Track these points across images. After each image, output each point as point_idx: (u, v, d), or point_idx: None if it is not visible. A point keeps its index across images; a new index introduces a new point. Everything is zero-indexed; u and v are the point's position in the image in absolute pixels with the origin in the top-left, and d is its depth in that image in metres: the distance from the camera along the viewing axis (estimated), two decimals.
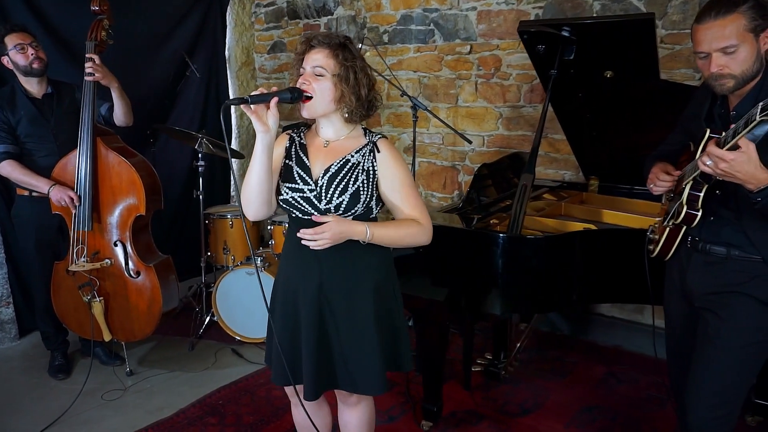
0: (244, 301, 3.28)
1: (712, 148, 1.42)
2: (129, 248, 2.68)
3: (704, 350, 1.62)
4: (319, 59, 1.55)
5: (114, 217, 2.66)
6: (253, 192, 1.57)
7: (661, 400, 2.74)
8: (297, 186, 1.63)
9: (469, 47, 3.65)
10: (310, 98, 1.56)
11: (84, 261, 2.62)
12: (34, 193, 2.74)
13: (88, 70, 2.59)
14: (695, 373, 1.65)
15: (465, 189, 3.87)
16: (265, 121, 1.51)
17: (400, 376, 2.96)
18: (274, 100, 1.49)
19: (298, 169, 1.65)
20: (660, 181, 1.73)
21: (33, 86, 2.73)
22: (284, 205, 1.66)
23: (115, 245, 2.68)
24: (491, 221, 2.48)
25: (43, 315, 2.95)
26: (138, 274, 2.69)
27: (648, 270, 1.86)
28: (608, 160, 2.89)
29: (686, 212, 1.60)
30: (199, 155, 3.40)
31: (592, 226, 2.36)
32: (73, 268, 2.61)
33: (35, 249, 2.81)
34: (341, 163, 1.63)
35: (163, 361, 3.15)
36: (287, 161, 1.68)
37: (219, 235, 3.60)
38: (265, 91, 1.50)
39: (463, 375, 2.86)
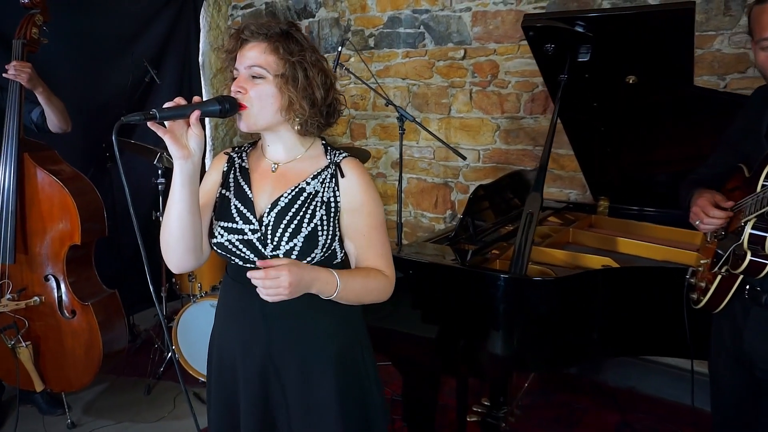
0: (208, 337, 2.88)
1: None
2: (62, 284, 2.28)
3: None
4: (254, 57, 1.17)
5: (44, 247, 2.26)
6: (173, 237, 1.18)
7: None
8: (235, 225, 1.24)
9: (462, 52, 3.29)
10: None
11: (8, 299, 2.22)
12: None
13: (10, 70, 2.19)
14: None
15: (458, 208, 3.50)
16: (184, 144, 1.11)
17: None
18: (195, 114, 1.10)
19: (236, 202, 1.26)
20: (709, 218, 1.35)
21: None
22: (219, 251, 1.26)
23: (47, 280, 2.28)
24: (492, 252, 2.10)
25: None
26: (73, 313, 2.29)
27: (688, 319, 1.49)
28: (621, 178, 2.52)
29: (751, 260, 1.22)
30: (159, 171, 3.02)
31: (610, 260, 1.98)
32: None
33: None
34: (294, 193, 1.24)
35: (112, 409, 2.73)
36: (224, 191, 1.29)
37: None
38: (184, 102, 1.10)
39: (457, 425, 2.47)
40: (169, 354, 3.07)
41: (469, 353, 1.81)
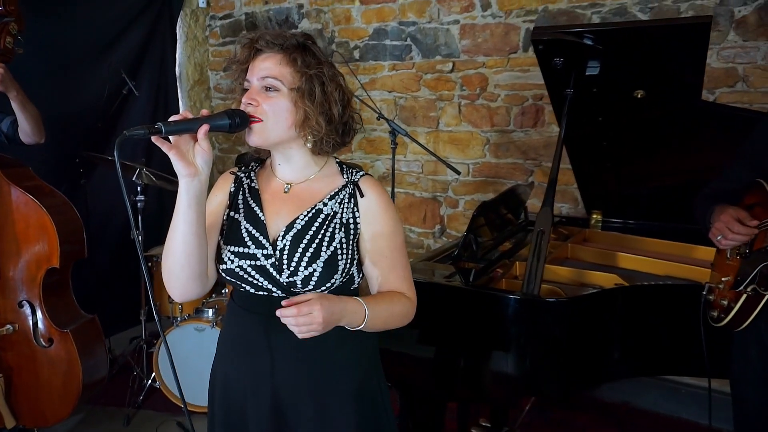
0: (192, 362, 2.73)
1: None
2: (38, 310, 2.12)
3: None
4: (269, 68, 1.10)
5: (19, 271, 2.10)
6: (178, 263, 1.09)
7: None
8: (247, 250, 1.15)
9: (451, 65, 3.26)
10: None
11: None
12: None
13: None
14: None
15: (447, 223, 3.45)
16: (191, 161, 1.03)
17: None
18: (204, 129, 1.02)
19: (247, 225, 1.17)
20: (734, 234, 1.32)
21: None
22: (228, 278, 1.17)
23: (21, 306, 2.12)
24: (497, 270, 2.04)
25: None
26: (50, 342, 2.13)
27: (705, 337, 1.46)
28: (618, 192, 2.51)
29: None
30: (138, 188, 2.88)
31: (617, 277, 1.94)
32: None
33: None
34: (310, 214, 1.16)
35: None
36: (232, 214, 1.20)
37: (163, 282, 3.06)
38: (191, 116, 1.02)
39: None
40: (149, 381, 2.91)
41: (476, 378, 1.74)
